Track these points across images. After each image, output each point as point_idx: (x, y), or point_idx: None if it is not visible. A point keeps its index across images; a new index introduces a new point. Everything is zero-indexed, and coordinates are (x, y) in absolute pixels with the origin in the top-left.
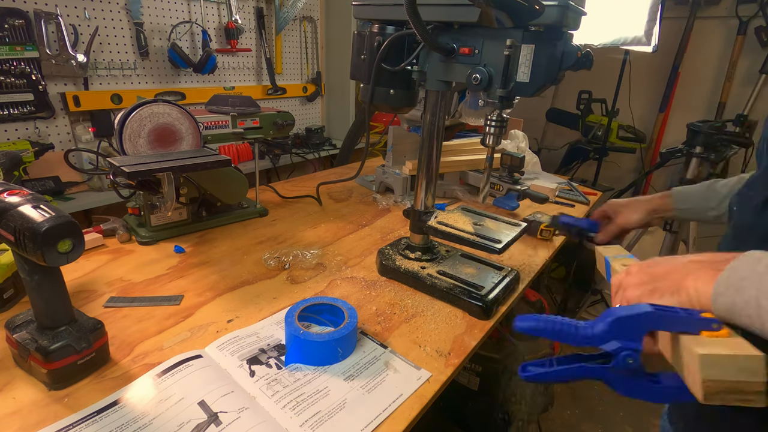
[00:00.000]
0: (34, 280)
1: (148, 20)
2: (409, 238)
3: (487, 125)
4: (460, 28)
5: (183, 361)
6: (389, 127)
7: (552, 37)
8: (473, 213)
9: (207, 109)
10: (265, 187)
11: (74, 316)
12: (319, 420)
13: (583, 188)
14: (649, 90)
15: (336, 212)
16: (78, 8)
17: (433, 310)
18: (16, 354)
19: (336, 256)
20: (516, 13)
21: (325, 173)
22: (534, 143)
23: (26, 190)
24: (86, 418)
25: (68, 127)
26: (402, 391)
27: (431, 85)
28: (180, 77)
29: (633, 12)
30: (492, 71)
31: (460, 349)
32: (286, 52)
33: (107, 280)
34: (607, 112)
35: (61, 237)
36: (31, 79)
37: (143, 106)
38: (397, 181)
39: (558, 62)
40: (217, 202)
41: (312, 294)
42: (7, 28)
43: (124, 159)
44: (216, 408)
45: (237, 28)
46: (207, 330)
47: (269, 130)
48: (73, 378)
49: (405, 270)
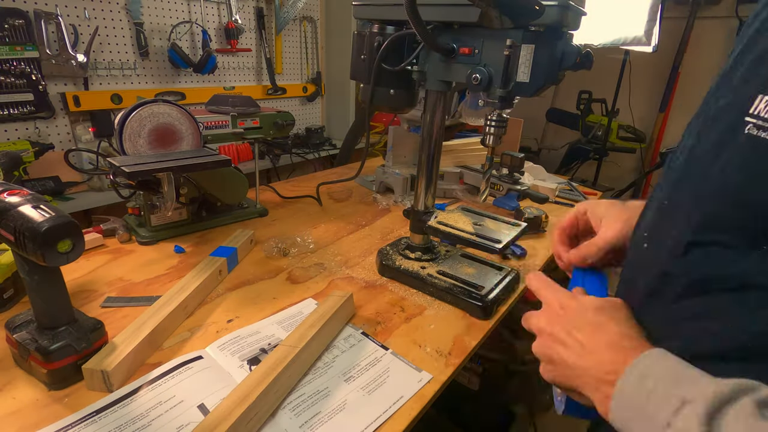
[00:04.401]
0: (34, 280)
1: (148, 20)
2: (409, 238)
3: (487, 125)
4: (460, 28)
5: (184, 363)
6: (389, 127)
7: (552, 37)
8: (473, 213)
9: (207, 109)
10: (265, 187)
11: (74, 316)
12: (319, 421)
13: (583, 188)
14: (649, 90)
15: (336, 212)
16: (78, 8)
17: (433, 310)
18: (16, 354)
19: (336, 256)
20: (516, 13)
21: (325, 173)
22: (534, 143)
23: (26, 190)
24: (86, 418)
25: (68, 127)
26: (402, 393)
27: (431, 85)
28: (180, 77)
29: (633, 12)
30: (492, 71)
31: (460, 349)
32: (286, 52)
33: (107, 280)
34: (607, 112)
35: (61, 237)
36: (31, 79)
37: (143, 106)
38: (397, 181)
39: (558, 62)
40: (217, 202)
41: (312, 294)
42: (7, 28)
43: (124, 159)
44: None
45: (237, 28)
46: (207, 330)
47: (269, 130)
48: (73, 378)
49: (405, 270)
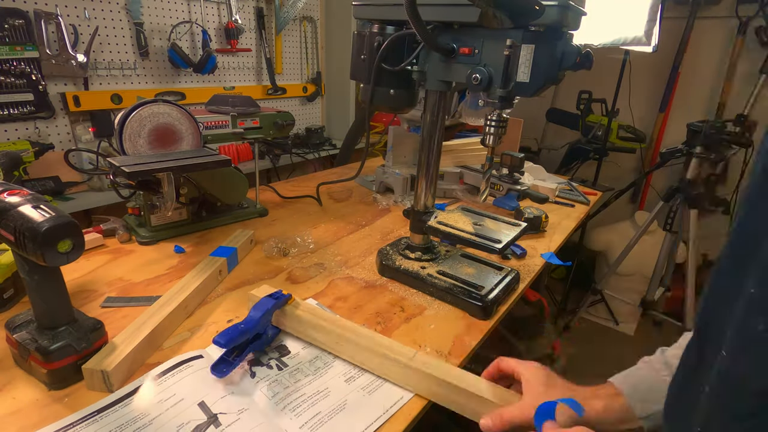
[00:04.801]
0: (34, 280)
1: (148, 20)
2: (409, 238)
3: (487, 125)
4: (460, 28)
5: (184, 361)
6: (389, 127)
7: (552, 37)
8: (473, 213)
9: (207, 109)
10: (265, 187)
11: (74, 316)
12: (320, 421)
13: (583, 188)
14: (649, 90)
15: (336, 212)
16: (78, 8)
17: (433, 310)
18: (16, 354)
19: (336, 256)
20: (516, 13)
21: (325, 173)
22: (534, 143)
23: (26, 190)
24: (86, 418)
25: (68, 127)
26: (402, 393)
27: (431, 85)
28: (180, 77)
29: (633, 12)
30: (492, 71)
31: (460, 349)
32: (286, 52)
33: (107, 280)
34: (607, 112)
35: (61, 237)
36: (31, 79)
37: (143, 106)
38: (397, 181)
39: (558, 62)
40: (217, 202)
41: (312, 294)
42: (7, 28)
43: (124, 159)
44: (216, 409)
45: (237, 28)
46: (207, 330)
47: (269, 130)
48: (73, 378)
49: (405, 270)
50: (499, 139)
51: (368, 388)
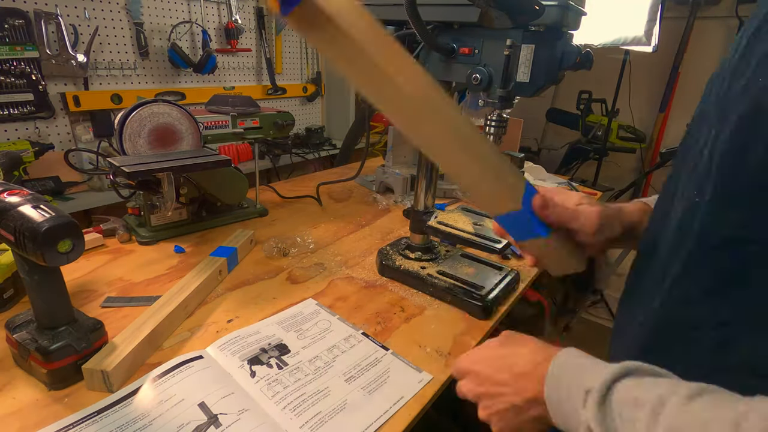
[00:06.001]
0: (34, 280)
1: (148, 20)
2: (409, 238)
3: (487, 125)
4: (460, 28)
5: (184, 362)
6: (389, 127)
7: (552, 37)
8: (473, 213)
9: (207, 109)
10: (265, 187)
11: (74, 316)
12: (320, 421)
13: (583, 188)
14: (649, 90)
15: (336, 212)
16: (78, 8)
17: (433, 310)
18: (16, 354)
19: (336, 256)
20: (516, 13)
21: (325, 173)
22: (534, 143)
23: (26, 190)
24: (86, 418)
25: (68, 127)
26: (403, 393)
27: None
28: (180, 77)
29: (633, 12)
30: (492, 71)
31: (460, 349)
32: (286, 52)
33: (107, 280)
34: (607, 112)
35: (61, 237)
36: (31, 79)
37: (143, 106)
38: (397, 181)
39: (558, 62)
40: (217, 202)
41: (312, 294)
42: (7, 28)
43: (124, 159)
44: (216, 410)
45: (237, 28)
46: (207, 330)
47: (269, 130)
48: (73, 378)
49: (405, 270)
50: (499, 139)
51: (368, 388)
